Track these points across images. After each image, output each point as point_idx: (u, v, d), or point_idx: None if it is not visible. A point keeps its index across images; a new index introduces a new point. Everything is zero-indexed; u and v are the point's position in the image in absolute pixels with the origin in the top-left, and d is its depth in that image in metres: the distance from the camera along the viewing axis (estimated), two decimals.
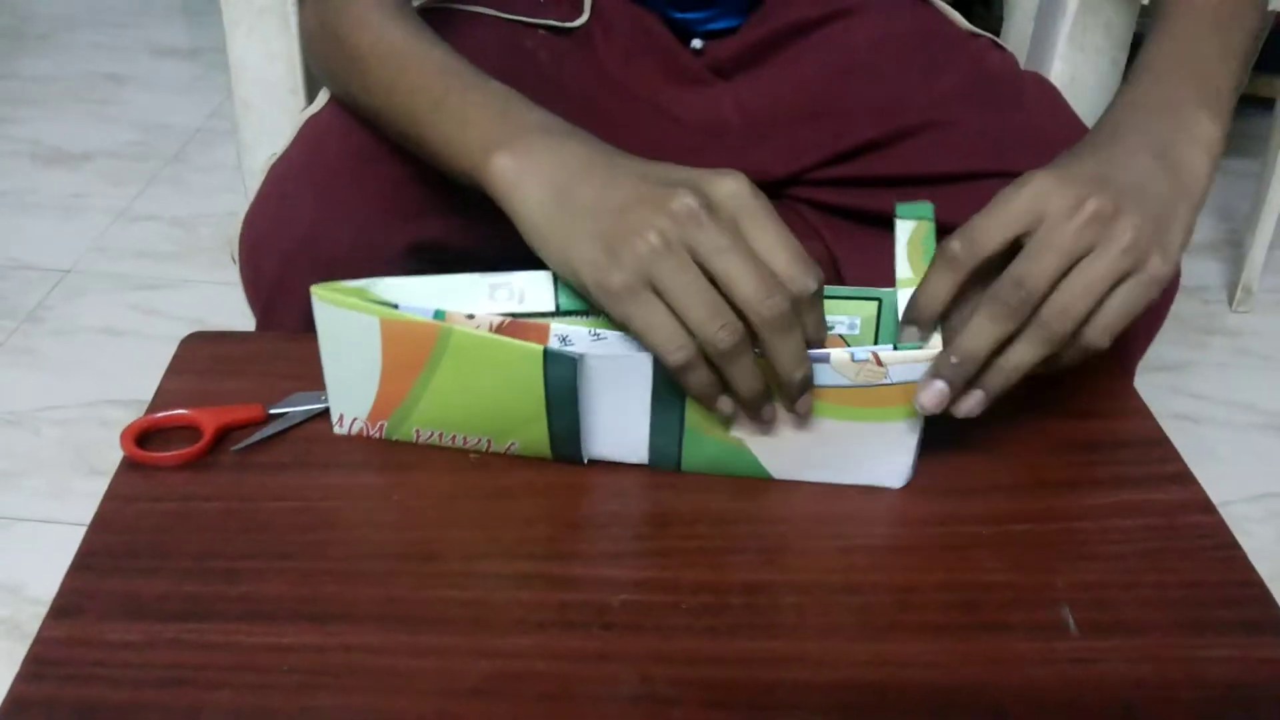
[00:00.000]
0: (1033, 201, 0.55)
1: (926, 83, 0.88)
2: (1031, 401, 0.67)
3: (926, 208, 0.59)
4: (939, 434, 0.64)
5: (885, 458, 0.60)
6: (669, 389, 0.57)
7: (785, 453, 0.60)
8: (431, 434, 0.61)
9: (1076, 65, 0.96)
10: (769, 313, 0.53)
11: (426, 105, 0.64)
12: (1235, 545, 0.58)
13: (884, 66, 0.89)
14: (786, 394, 0.56)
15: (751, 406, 0.56)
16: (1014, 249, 0.56)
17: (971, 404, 0.57)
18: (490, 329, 0.58)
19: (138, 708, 0.47)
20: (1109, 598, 0.55)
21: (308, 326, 0.70)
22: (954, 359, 0.55)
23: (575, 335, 0.58)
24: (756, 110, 0.90)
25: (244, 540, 0.56)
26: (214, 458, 0.61)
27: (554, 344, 0.58)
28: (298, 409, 0.63)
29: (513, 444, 0.61)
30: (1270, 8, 0.69)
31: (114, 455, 0.60)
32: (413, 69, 0.65)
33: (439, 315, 0.58)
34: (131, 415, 0.62)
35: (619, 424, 0.60)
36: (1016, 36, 1.07)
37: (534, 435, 0.60)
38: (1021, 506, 0.60)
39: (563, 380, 0.57)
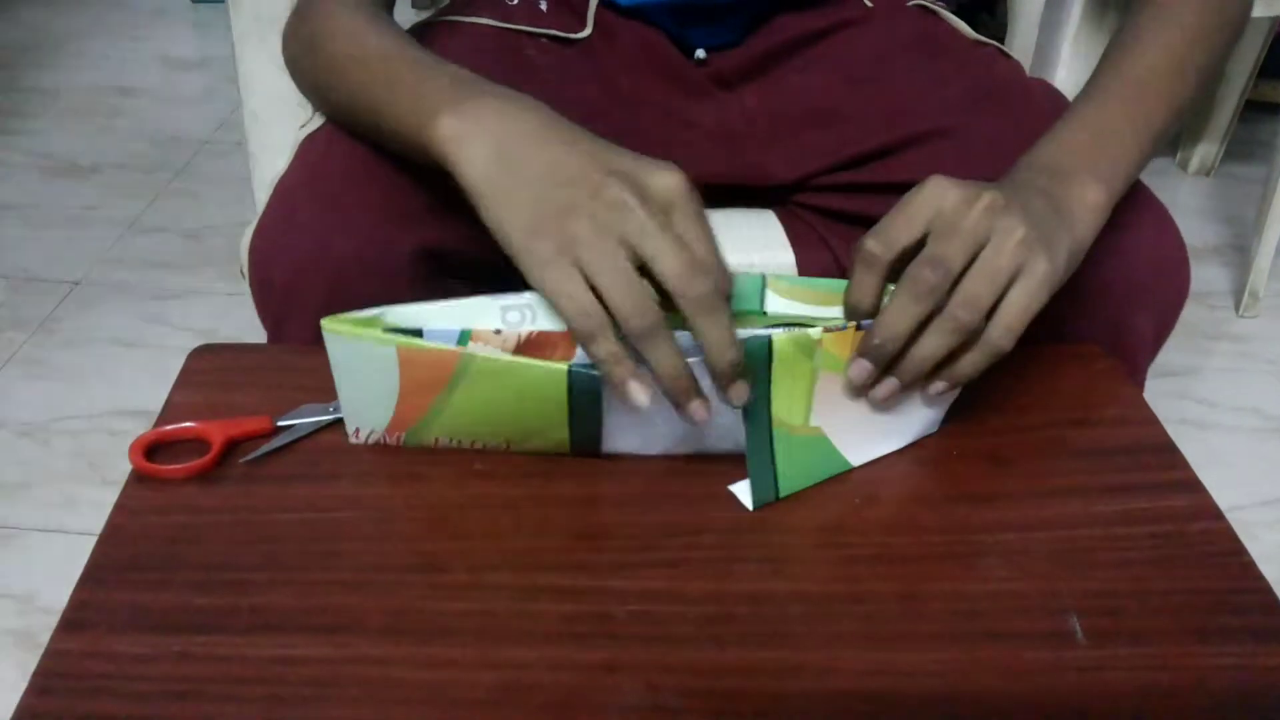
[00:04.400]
0: (933, 195, 0.60)
1: (933, 90, 0.88)
2: (1038, 408, 0.67)
3: None
4: (945, 442, 0.64)
5: (927, 404, 0.63)
6: (756, 418, 0.59)
7: (855, 430, 0.62)
8: (451, 441, 0.62)
9: (1080, 73, 0.96)
10: (694, 292, 0.55)
11: (383, 89, 0.66)
12: (1243, 552, 0.58)
13: (890, 74, 0.89)
14: (720, 379, 0.57)
15: (674, 390, 0.57)
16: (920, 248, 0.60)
17: (885, 390, 0.60)
18: (519, 339, 0.59)
19: None
20: (1116, 605, 0.55)
21: (320, 338, 0.71)
22: (876, 340, 0.58)
23: None
24: (762, 117, 0.90)
25: (252, 552, 0.56)
26: (222, 470, 0.61)
27: (579, 355, 0.59)
28: (306, 421, 0.63)
29: (531, 444, 0.62)
30: (1272, 13, 0.70)
31: (124, 466, 0.60)
32: (378, 64, 0.68)
33: (465, 335, 0.60)
34: (142, 426, 0.62)
35: (642, 423, 0.61)
36: (1021, 45, 1.08)
37: (554, 440, 0.61)
38: (1028, 514, 0.60)
39: (587, 396, 0.58)
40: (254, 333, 0.76)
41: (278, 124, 0.99)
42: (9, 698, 0.48)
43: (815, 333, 0.58)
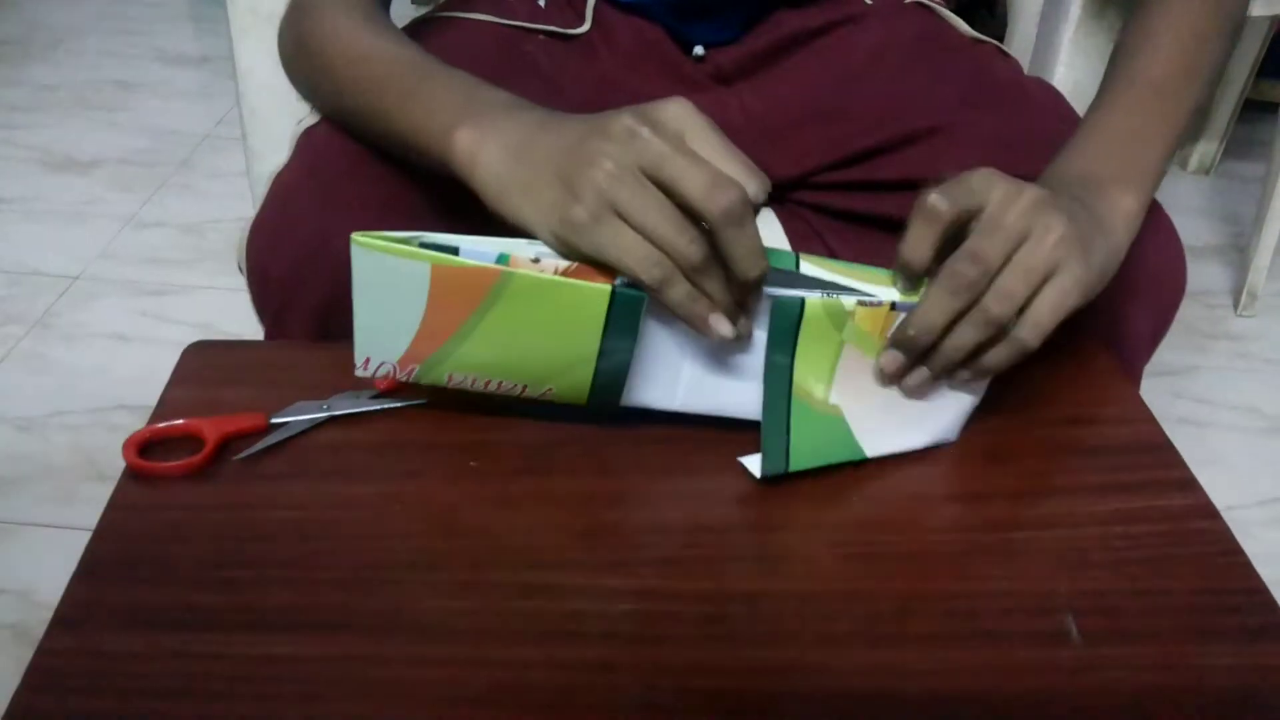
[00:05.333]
0: (985, 181, 0.59)
1: (931, 88, 0.88)
2: (1035, 406, 0.67)
3: None
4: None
5: (952, 404, 0.63)
6: (777, 377, 0.58)
7: (873, 419, 0.61)
8: (466, 379, 0.61)
9: (1080, 70, 0.96)
10: (719, 207, 0.54)
11: (395, 98, 0.66)
12: (1239, 551, 0.58)
13: (888, 72, 0.89)
14: (742, 288, 0.57)
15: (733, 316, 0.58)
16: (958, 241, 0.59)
17: (915, 380, 0.60)
18: (556, 272, 0.58)
19: (140, 718, 0.48)
20: (1112, 605, 0.55)
21: (318, 332, 0.71)
22: (910, 331, 0.58)
23: None
24: (760, 114, 0.90)
25: (246, 550, 0.56)
26: (216, 467, 0.61)
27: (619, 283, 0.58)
28: (300, 418, 0.63)
29: (549, 389, 0.61)
30: (1272, 12, 0.71)
31: (122, 461, 0.60)
32: (381, 67, 0.68)
33: (503, 259, 0.58)
34: (140, 421, 0.62)
35: (663, 373, 0.61)
36: (1020, 42, 1.07)
37: (575, 380, 0.60)
38: (1024, 513, 0.60)
39: (625, 321, 0.57)
40: (253, 328, 0.76)
41: (277, 119, 0.99)
42: (6, 694, 0.48)
43: (849, 303, 0.58)
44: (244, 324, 0.75)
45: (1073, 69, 0.96)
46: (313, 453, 0.62)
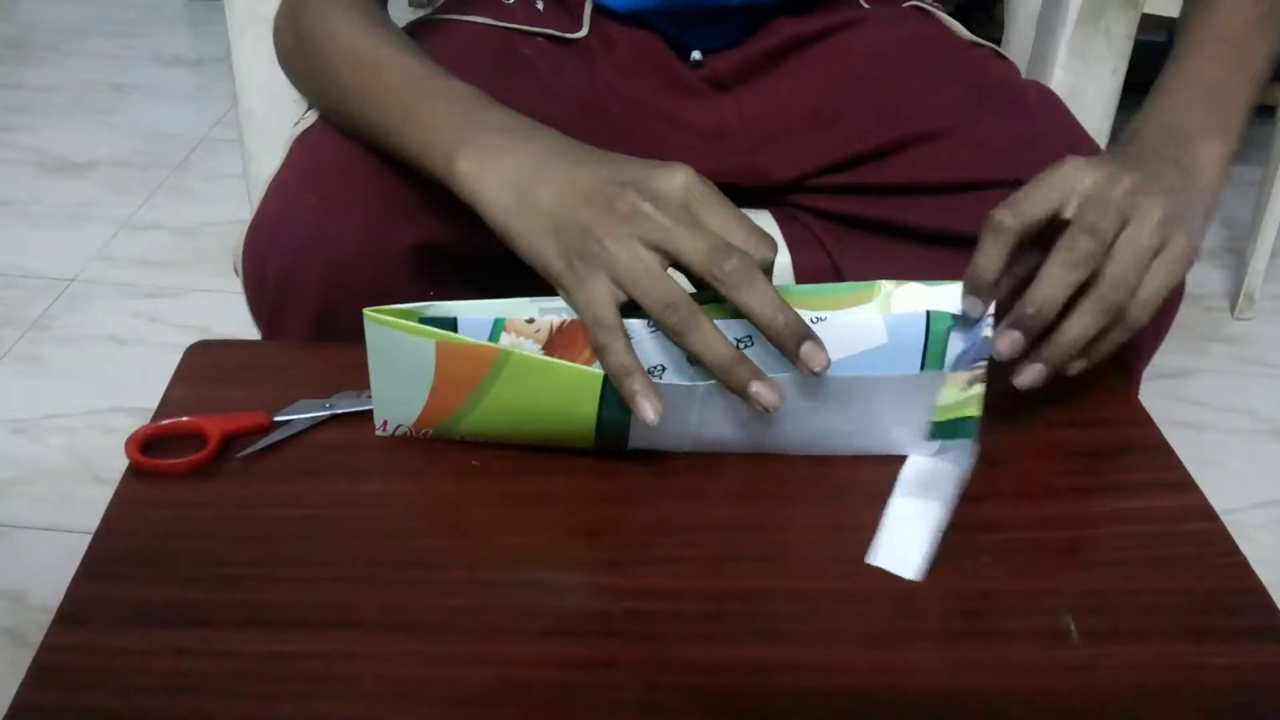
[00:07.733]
0: (1072, 176, 0.60)
1: (928, 92, 0.88)
2: (1034, 409, 0.67)
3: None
4: None
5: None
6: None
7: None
8: (478, 438, 0.62)
9: (1077, 74, 0.96)
10: (722, 270, 0.55)
11: (398, 113, 0.66)
12: (1237, 552, 0.58)
13: (885, 76, 0.89)
14: (782, 348, 0.56)
15: (730, 377, 0.56)
16: (1049, 236, 0.59)
17: (1032, 376, 0.60)
18: (551, 329, 0.60)
19: (142, 715, 0.48)
20: (1111, 605, 0.55)
21: (316, 333, 0.71)
22: (1030, 309, 0.58)
23: (633, 329, 0.59)
24: (758, 117, 0.90)
25: (248, 547, 0.56)
26: (219, 465, 0.61)
27: None
28: (302, 416, 0.63)
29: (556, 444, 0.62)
30: None
31: (118, 463, 0.60)
32: (384, 76, 0.68)
33: (499, 322, 0.60)
34: (136, 423, 0.62)
35: (669, 434, 0.61)
36: (1018, 46, 1.08)
37: (581, 440, 0.61)
38: (1023, 514, 0.60)
39: (618, 405, 0.57)
40: (248, 331, 0.75)
41: (274, 121, 0.99)
42: (0, 698, 0.48)
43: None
44: (240, 326, 0.75)
45: (1070, 72, 0.96)
46: (315, 451, 0.62)
